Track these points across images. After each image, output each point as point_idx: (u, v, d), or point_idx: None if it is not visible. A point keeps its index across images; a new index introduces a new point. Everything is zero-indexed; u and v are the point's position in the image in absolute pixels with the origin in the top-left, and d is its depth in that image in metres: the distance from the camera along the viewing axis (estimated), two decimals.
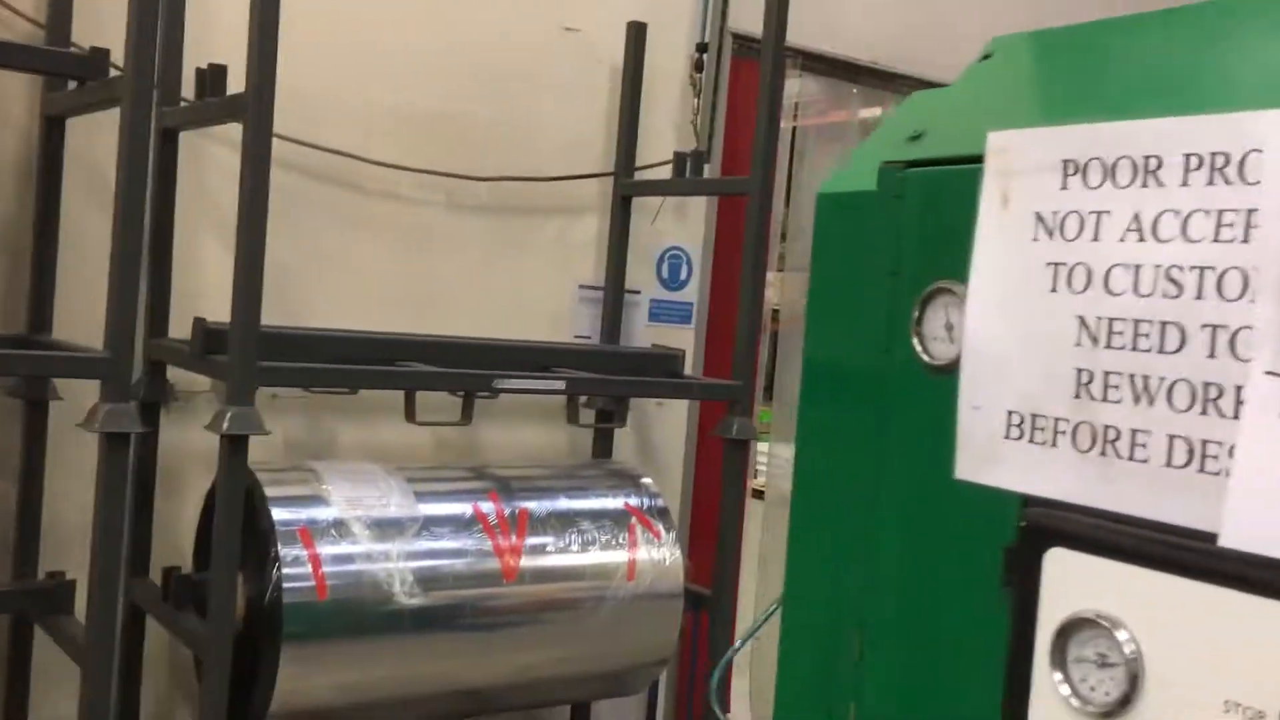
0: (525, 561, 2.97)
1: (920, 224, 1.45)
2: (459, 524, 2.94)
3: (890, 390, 1.47)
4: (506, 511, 3.00)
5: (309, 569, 2.68)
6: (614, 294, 3.58)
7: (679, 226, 3.80)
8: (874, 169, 1.50)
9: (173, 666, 3.08)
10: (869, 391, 1.49)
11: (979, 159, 1.35)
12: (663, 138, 3.64)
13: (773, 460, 4.34)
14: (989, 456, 1.32)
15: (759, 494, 4.60)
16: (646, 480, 3.29)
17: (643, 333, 3.72)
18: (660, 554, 3.14)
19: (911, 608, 1.43)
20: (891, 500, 1.46)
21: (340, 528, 2.77)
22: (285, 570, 2.64)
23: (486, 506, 3.00)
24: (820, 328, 1.59)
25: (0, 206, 2.84)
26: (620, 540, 3.11)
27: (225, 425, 2.44)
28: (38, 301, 2.82)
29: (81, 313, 2.80)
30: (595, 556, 3.07)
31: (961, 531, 1.37)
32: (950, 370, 1.39)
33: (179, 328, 2.84)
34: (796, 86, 4.04)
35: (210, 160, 2.97)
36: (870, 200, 1.50)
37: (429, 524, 2.91)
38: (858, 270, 1.52)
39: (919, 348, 1.43)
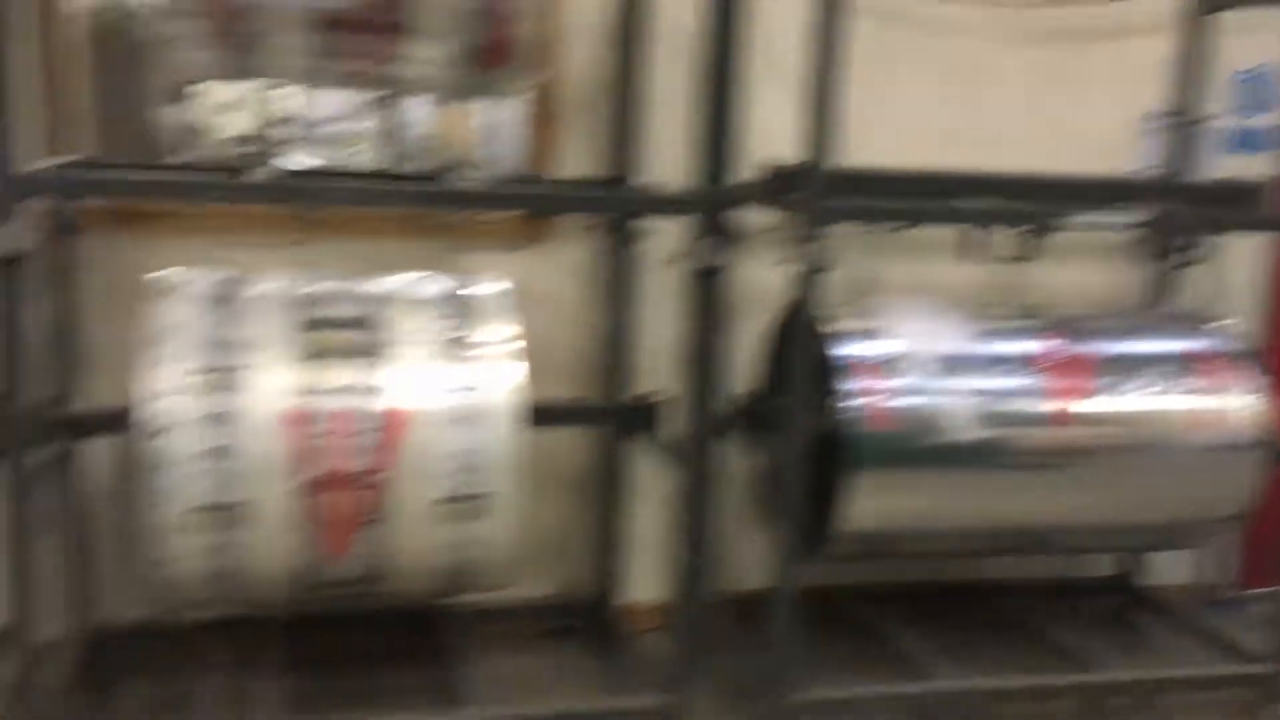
0: (1085, 405, 2.86)
1: None
2: (1017, 363, 2.89)
3: None
4: (1068, 352, 2.91)
5: (871, 400, 2.77)
6: (1184, 121, 3.27)
7: (1258, 42, 3.37)
8: None
9: (730, 485, 3.30)
10: None
11: None
12: None
13: None
14: None
15: None
16: (1224, 322, 3.03)
17: (1215, 165, 3.37)
18: (1239, 402, 2.90)
19: None
20: None
21: (901, 362, 2.82)
22: (850, 401, 2.75)
23: (1046, 346, 2.92)
24: None
25: (590, 61, 3.09)
26: (1191, 386, 2.91)
27: (799, 261, 2.54)
28: (624, 147, 3.05)
29: (658, 156, 3.00)
30: (1162, 402, 2.90)
31: None
32: None
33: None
34: None
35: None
36: None
37: (988, 362, 2.89)
38: None
39: None
